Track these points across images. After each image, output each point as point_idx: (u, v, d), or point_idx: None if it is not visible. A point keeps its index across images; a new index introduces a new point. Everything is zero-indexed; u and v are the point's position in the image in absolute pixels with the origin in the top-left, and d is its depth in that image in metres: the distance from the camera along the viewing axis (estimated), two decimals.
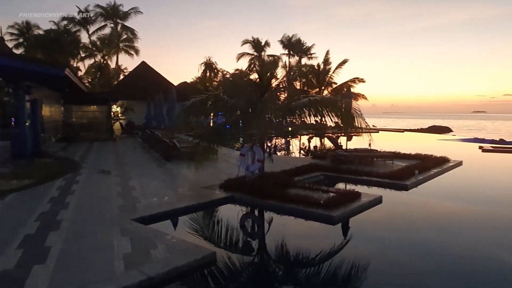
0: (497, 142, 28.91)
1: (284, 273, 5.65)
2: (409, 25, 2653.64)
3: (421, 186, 10.90)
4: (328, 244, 6.40)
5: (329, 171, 12.13)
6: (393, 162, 13.39)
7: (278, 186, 8.91)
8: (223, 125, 10.63)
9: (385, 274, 5.34)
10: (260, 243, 6.94)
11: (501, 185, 12.13)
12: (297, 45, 48.81)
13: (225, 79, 38.13)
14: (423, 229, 7.43)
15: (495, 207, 9.06)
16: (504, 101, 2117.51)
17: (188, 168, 11.05)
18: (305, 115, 9.66)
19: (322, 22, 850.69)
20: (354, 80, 33.20)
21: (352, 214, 7.74)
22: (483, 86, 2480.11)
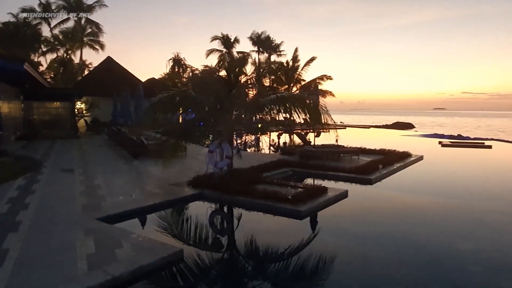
0: (455, 137, 30.44)
1: (254, 268, 5.70)
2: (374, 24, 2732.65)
3: (385, 180, 11.31)
4: (296, 239, 6.51)
5: (297, 167, 12.32)
6: (359, 157, 13.80)
7: (246, 182, 8.96)
8: (192, 121, 10.55)
9: (351, 266, 5.51)
10: (230, 239, 6.96)
11: (459, 178, 12.80)
12: (266, 42, 48.98)
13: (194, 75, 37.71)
14: (387, 221, 7.74)
15: (453, 199, 9.56)
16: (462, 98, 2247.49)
17: (156, 166, 10.89)
18: (273, 112, 9.75)
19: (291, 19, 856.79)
20: (322, 78, 33.76)
21: (318, 208, 7.92)
22: (443, 84, 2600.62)
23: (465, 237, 6.75)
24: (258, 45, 49.12)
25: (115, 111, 25.87)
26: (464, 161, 17.23)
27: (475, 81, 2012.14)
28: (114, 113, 25.87)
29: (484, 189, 10.98)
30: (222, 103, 9.13)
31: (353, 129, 41.22)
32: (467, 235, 6.91)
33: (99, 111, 28.81)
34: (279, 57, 48.93)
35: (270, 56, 49.68)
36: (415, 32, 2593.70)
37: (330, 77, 34.24)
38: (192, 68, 43.92)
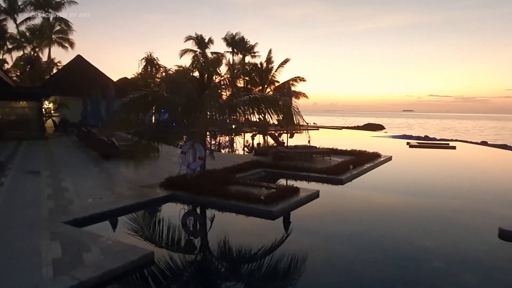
0: (422, 138, 31.61)
1: (227, 269, 5.70)
2: (346, 27, 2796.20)
3: (355, 180, 11.60)
4: (269, 239, 6.56)
5: (270, 168, 12.43)
6: (331, 158, 14.07)
7: (219, 183, 8.96)
8: (165, 122, 10.43)
9: (323, 265, 5.63)
10: (202, 240, 6.95)
11: (425, 178, 13.30)
12: (240, 43, 48.95)
13: (167, 75, 37.18)
14: (357, 220, 7.94)
15: (420, 198, 9.93)
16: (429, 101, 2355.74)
17: (128, 167, 10.69)
18: (246, 113, 9.79)
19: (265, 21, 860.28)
20: (296, 79, 34.24)
21: (290, 209, 8.03)
22: (411, 87, 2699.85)
23: (429, 234, 7.03)
24: (232, 46, 49.03)
25: (85, 111, 25.17)
26: (430, 161, 17.91)
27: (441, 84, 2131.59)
28: (84, 113, 25.17)
29: (447, 188, 11.46)
30: (194, 103, 9.09)
31: (325, 130, 41.92)
32: (431, 232, 7.19)
33: (68, 111, 27.90)
34: (253, 58, 49.06)
35: (244, 57, 49.71)
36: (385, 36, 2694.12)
37: (304, 78, 34.79)
38: (165, 68, 43.28)
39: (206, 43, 46.68)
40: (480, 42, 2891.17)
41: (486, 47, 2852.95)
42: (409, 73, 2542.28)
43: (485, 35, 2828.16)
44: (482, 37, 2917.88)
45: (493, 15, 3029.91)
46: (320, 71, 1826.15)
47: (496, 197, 10.30)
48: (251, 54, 49.68)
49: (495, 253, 6.25)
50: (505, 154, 21.77)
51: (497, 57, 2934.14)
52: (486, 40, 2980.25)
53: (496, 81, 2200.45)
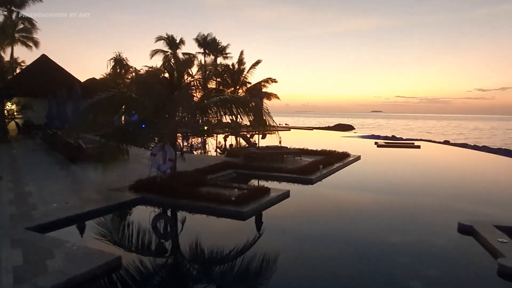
0: (389, 138, 32.67)
1: (199, 272, 5.67)
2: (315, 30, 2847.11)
3: (325, 179, 11.85)
4: (241, 240, 6.59)
5: (241, 169, 12.47)
6: (301, 158, 14.30)
7: (190, 185, 8.91)
8: (135, 123, 10.25)
9: (294, 263, 5.70)
10: (173, 243, 6.89)
11: (393, 176, 13.77)
12: (212, 44, 48.73)
13: (137, 76, 36.47)
14: (327, 219, 8.11)
15: (387, 196, 10.27)
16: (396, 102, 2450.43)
17: (95, 170, 10.42)
18: (219, 114, 9.79)
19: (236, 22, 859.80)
20: (267, 80, 34.39)
21: (261, 209, 8.10)
22: (379, 88, 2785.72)
23: (395, 230, 7.30)
24: (204, 47, 48.74)
25: (50, 113, 24.24)
26: (396, 160, 18.55)
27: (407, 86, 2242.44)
28: (50, 115, 24.24)
29: (412, 186, 11.92)
30: (164, 105, 9.00)
31: (297, 131, 42.45)
32: (397, 228, 7.47)
33: (33, 113, 26.76)
34: (225, 59, 48.97)
35: (216, 58, 49.53)
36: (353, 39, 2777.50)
37: (275, 80, 35.01)
38: (135, 69, 42.39)
39: (177, 43, 46.17)
40: (442, 45, 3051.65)
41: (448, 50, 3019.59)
42: (377, 74, 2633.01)
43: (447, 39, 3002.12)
44: (444, 41, 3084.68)
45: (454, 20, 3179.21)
46: (292, 72, 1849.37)
47: (456, 193, 10.82)
48: (223, 55, 49.57)
49: (454, 246, 6.58)
50: (465, 152, 22.90)
51: (458, 60, 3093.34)
52: (448, 44, 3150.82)
53: (458, 83, 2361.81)
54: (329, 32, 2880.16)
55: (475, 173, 15.65)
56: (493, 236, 6.20)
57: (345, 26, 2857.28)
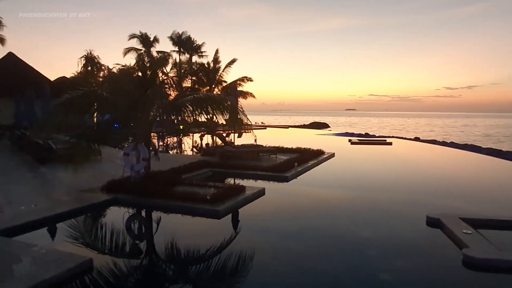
0: (363, 135, 33.45)
1: (174, 272, 5.63)
2: (290, 29, 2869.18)
3: (300, 177, 12.00)
4: (217, 239, 6.55)
5: (217, 167, 12.46)
6: (277, 156, 14.42)
7: (165, 184, 8.82)
8: (107, 123, 10.04)
9: (270, 261, 5.73)
10: (148, 244, 6.78)
11: (366, 172, 14.10)
12: (187, 42, 48.16)
13: (110, 74, 35.63)
14: (302, 216, 8.20)
15: (361, 192, 10.50)
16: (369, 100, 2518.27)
17: (66, 171, 10.14)
18: (195, 113, 9.72)
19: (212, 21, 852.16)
20: (243, 79, 34.41)
21: (236, 207, 8.12)
22: (353, 86, 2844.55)
23: (368, 225, 7.46)
24: (179, 46, 48.12)
25: (18, 113, 23.36)
26: (369, 156, 19.01)
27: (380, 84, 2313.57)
28: (18, 115, 23.35)
29: (384, 181, 12.25)
30: (136, 103, 8.86)
31: (273, 129, 42.73)
32: (369, 223, 7.64)
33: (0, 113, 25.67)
34: (200, 58, 48.50)
35: (191, 57, 49.03)
36: (328, 38, 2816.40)
37: (251, 78, 35.06)
38: (108, 67, 41.38)
39: (151, 41, 45.35)
40: (413, 45, 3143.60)
41: (419, 50, 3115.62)
42: (351, 73, 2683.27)
43: (418, 39, 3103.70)
44: (415, 41, 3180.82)
45: (424, 21, 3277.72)
46: (268, 71, 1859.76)
47: (425, 188, 11.21)
48: (198, 53, 49.10)
49: (423, 238, 6.81)
50: (434, 148, 23.78)
51: (428, 60, 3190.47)
52: (419, 44, 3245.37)
53: (427, 82, 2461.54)
54: (304, 32, 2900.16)
55: (443, 168, 16.27)
56: (458, 228, 6.47)
57: (319, 26, 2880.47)
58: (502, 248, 5.71)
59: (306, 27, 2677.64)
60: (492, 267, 5.31)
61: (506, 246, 5.94)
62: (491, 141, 36.43)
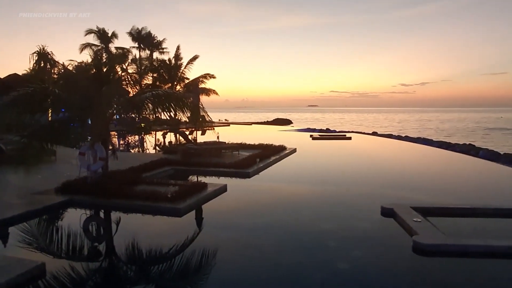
0: (324, 131, 34.33)
1: (136, 273, 5.51)
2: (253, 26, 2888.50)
3: (262, 172, 12.14)
4: (180, 237, 6.48)
5: (179, 165, 12.33)
6: (239, 153, 14.48)
7: (124, 184, 8.61)
8: (63, 121, 9.60)
9: (233, 256, 5.75)
10: (108, 245, 6.60)
11: (326, 166, 14.51)
12: (147, 38, 46.98)
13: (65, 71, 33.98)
14: (263, 211, 8.30)
15: (321, 186, 10.81)
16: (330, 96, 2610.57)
17: (17, 174, 9.60)
18: (153, 110, 9.54)
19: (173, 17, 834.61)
20: (206, 76, 34.02)
21: (198, 204, 8.09)
22: (315, 83, 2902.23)
23: (327, 218, 7.68)
24: (138, 41, 46.84)
25: None
26: (330, 151, 19.56)
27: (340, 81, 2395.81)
28: None
29: (343, 175, 12.69)
30: (91, 101, 8.56)
31: (236, 126, 42.75)
32: (328, 216, 7.87)
33: None
34: (161, 54, 47.49)
35: (152, 53, 47.89)
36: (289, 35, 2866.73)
37: (213, 75, 34.72)
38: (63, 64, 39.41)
39: (109, 37, 43.77)
40: (371, 43, 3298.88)
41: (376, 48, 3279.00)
42: (313, 70, 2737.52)
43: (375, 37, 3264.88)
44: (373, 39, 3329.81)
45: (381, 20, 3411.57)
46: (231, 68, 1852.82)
47: (382, 180, 11.73)
48: (159, 50, 48.04)
49: (377, 228, 7.14)
50: (390, 142, 24.91)
51: (385, 57, 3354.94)
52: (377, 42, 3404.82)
53: (384, 78, 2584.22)
54: (266, 29, 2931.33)
55: (398, 160, 17.09)
56: (409, 217, 6.84)
57: (281, 23, 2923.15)
58: (447, 233, 6.13)
59: (270, 24, 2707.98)
60: (438, 252, 5.68)
61: (451, 231, 6.36)
62: (442, 135, 38.66)
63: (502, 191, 10.40)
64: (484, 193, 10.04)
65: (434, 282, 4.95)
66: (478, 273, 5.27)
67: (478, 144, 26.24)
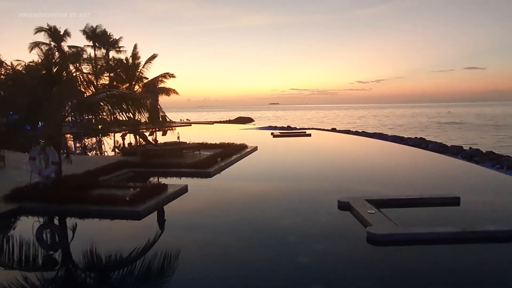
0: (285, 128, 34.87)
1: (95, 280, 5.36)
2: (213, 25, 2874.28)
3: (223, 171, 12.16)
4: (141, 240, 6.36)
5: (138, 167, 12.07)
6: (200, 152, 14.40)
7: (79, 188, 8.31)
8: (12, 125, 9.10)
9: (196, 257, 5.72)
10: (64, 253, 6.34)
11: (286, 163, 14.76)
12: (103, 37, 45.29)
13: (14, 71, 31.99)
14: (225, 210, 8.32)
15: (281, 182, 10.98)
16: (291, 94, 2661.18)
17: None
18: (111, 112, 9.26)
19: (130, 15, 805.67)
20: (165, 75, 33.39)
21: (158, 206, 7.98)
22: (276, 81, 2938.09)
23: (287, 214, 7.80)
24: (93, 40, 45.07)
25: None
26: (289, 148, 19.92)
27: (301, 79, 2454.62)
28: None
29: (302, 171, 12.94)
30: (41, 102, 8.18)
31: (198, 126, 42.35)
32: (288, 212, 8.00)
33: None
34: (118, 53, 46.01)
35: (108, 52, 46.27)
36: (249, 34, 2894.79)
37: (173, 75, 34.10)
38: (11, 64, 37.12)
39: (61, 35, 41.75)
40: (330, 42, 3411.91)
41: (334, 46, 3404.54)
42: (274, 68, 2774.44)
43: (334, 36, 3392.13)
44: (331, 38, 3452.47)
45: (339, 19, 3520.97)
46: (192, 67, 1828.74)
47: (339, 174, 12.17)
48: (115, 49, 46.50)
49: (334, 221, 7.41)
50: (348, 137, 25.80)
51: (342, 55, 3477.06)
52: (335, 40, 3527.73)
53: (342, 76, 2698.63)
54: (227, 28, 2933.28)
55: (354, 155, 17.73)
56: (364, 209, 7.17)
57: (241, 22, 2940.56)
58: (398, 223, 6.49)
59: (230, 23, 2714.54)
60: (390, 241, 6.02)
61: (401, 221, 6.73)
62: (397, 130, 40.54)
63: (448, 181, 11.12)
64: (432, 183, 10.69)
65: (386, 270, 5.24)
66: (426, 258, 5.64)
67: (429, 137, 27.77)
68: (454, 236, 6.03)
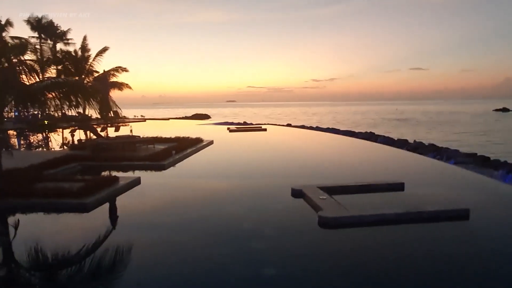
0: (241, 124, 35.12)
1: (41, 279, 5.06)
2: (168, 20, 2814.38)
3: (178, 164, 11.98)
4: (90, 235, 6.07)
5: (88, 161, 11.55)
6: (154, 146, 14.08)
7: (22, 182, 7.80)
8: None
9: (148, 251, 5.52)
10: (5, 253, 5.84)
11: (241, 156, 14.85)
12: (49, 28, 42.77)
13: None
14: (179, 203, 8.16)
15: (237, 174, 11.02)
16: (248, 91, 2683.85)
17: None
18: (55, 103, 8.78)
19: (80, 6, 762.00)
20: (117, 69, 32.30)
21: (108, 198, 7.69)
22: (232, 78, 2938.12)
23: (242, 204, 7.83)
24: (39, 31, 42.43)
25: None
26: (245, 142, 20.05)
27: (257, 76, 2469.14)
28: None
29: (258, 164, 13.08)
30: None
31: (153, 122, 41.38)
32: (243, 202, 8.06)
33: None
34: (66, 46, 43.71)
35: (55, 44, 43.77)
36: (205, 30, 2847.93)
37: (126, 69, 33.12)
38: None
39: (2, 25, 38.83)
40: (285, 40, 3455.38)
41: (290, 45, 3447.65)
42: (230, 66, 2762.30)
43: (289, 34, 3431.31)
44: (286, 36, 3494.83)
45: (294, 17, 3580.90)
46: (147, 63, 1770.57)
47: (293, 166, 12.43)
48: (63, 41, 44.17)
49: (288, 208, 7.57)
50: (302, 132, 26.57)
51: (298, 53, 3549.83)
52: (290, 38, 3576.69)
53: (298, 74, 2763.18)
54: (183, 23, 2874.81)
55: (308, 148, 18.25)
56: (316, 195, 7.40)
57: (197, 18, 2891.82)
58: (348, 207, 6.79)
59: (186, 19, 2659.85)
60: (340, 224, 6.30)
61: (351, 206, 7.03)
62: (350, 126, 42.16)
63: (393, 169, 11.87)
64: (380, 171, 11.35)
65: (335, 249, 5.50)
66: (372, 237, 5.97)
67: (378, 132, 29.18)
68: (398, 217, 6.43)
